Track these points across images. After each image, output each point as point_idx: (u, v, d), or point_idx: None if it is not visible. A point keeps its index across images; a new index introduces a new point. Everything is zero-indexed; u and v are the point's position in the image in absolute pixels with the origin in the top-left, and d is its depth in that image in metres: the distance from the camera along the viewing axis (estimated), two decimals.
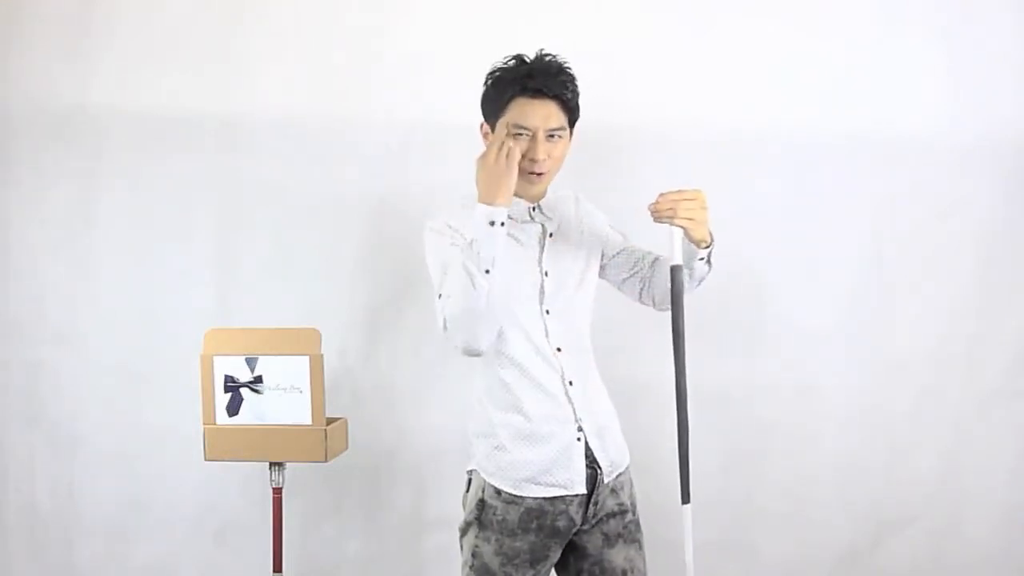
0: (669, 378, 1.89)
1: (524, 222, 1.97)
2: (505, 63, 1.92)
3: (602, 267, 2.09)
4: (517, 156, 1.82)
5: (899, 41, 2.72)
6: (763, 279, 2.74)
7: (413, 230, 2.71)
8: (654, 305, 2.11)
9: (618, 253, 2.09)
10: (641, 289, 2.10)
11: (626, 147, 2.52)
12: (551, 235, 2.00)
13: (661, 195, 1.85)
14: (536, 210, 2.00)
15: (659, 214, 1.84)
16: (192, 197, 2.81)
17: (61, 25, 2.81)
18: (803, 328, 2.74)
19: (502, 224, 1.79)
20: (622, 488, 2.01)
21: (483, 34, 2.74)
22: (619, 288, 2.13)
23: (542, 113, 1.88)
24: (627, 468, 2.04)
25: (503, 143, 1.82)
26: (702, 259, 1.94)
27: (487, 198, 1.80)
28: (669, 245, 1.87)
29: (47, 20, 2.81)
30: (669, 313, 1.88)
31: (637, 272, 2.09)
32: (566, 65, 1.92)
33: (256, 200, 2.80)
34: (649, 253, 2.10)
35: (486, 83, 1.94)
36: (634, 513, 2.03)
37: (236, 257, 2.81)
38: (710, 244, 1.92)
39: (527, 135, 1.88)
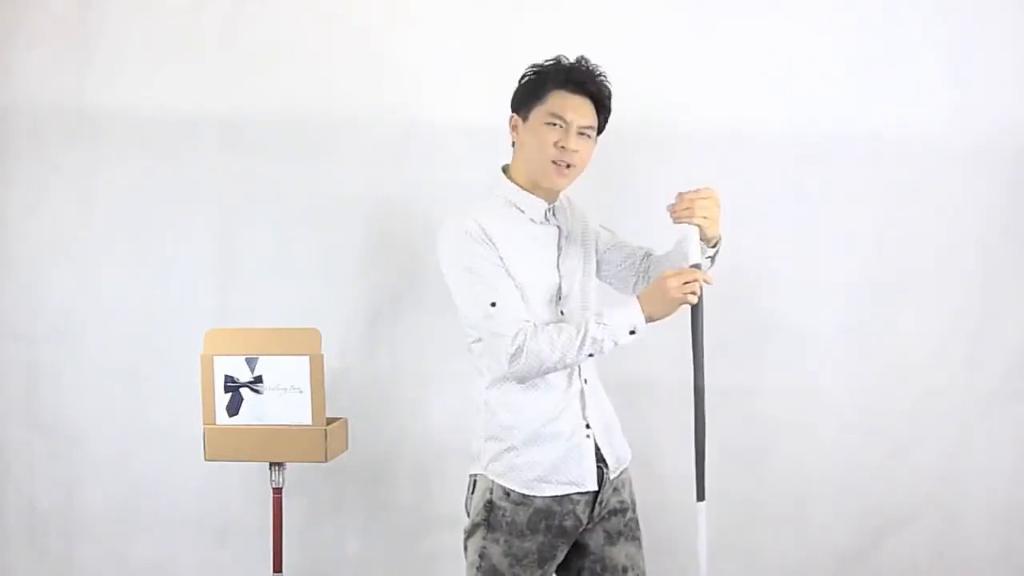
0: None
1: (542, 223, 1.98)
2: (546, 61, 1.96)
3: (596, 263, 2.11)
4: (694, 297, 1.84)
5: (901, 42, 2.71)
6: (764, 279, 2.74)
7: (413, 230, 2.74)
8: None
9: (609, 248, 2.12)
10: (635, 282, 2.12)
11: (627, 145, 2.51)
12: (565, 237, 2.02)
13: (679, 195, 1.89)
14: (551, 212, 2.01)
15: (678, 214, 1.88)
16: (192, 197, 2.81)
17: (61, 25, 2.81)
18: (804, 328, 2.74)
19: (634, 333, 1.85)
20: (623, 486, 2.04)
21: (483, 35, 2.74)
22: (611, 282, 2.16)
23: (579, 108, 1.92)
24: (627, 466, 2.06)
25: (697, 280, 1.83)
26: (708, 256, 1.96)
27: (650, 314, 1.84)
28: (684, 245, 1.89)
29: (47, 20, 2.81)
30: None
31: (630, 265, 2.11)
32: (604, 72, 1.96)
33: (256, 200, 2.80)
34: (640, 248, 2.13)
35: (524, 77, 1.96)
36: (634, 511, 2.05)
37: (236, 257, 2.81)
38: (718, 242, 1.95)
39: (561, 126, 1.91)
